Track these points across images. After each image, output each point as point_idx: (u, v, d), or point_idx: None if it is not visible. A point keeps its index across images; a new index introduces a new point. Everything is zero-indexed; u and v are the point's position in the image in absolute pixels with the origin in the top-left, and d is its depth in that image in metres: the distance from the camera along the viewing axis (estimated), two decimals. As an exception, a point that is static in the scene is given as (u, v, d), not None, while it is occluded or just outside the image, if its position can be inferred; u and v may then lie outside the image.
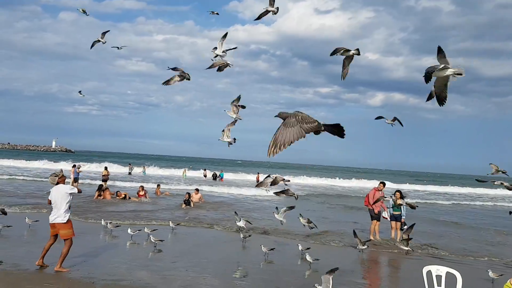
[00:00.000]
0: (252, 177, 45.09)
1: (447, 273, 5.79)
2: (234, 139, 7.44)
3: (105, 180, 25.73)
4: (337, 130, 3.29)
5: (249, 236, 11.70)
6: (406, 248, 10.53)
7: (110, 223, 12.18)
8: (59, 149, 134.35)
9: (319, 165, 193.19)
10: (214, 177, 42.95)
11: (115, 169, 44.47)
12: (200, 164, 64.25)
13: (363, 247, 10.70)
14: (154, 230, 11.43)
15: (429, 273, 5.84)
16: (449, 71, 3.97)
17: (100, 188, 20.66)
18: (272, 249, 9.98)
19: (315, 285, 6.69)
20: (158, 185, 24.76)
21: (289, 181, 8.24)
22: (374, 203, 13.23)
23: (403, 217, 13.16)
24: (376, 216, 13.43)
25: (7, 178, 28.62)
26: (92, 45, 9.12)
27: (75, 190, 8.40)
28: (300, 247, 10.25)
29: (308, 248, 10.25)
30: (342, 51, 5.53)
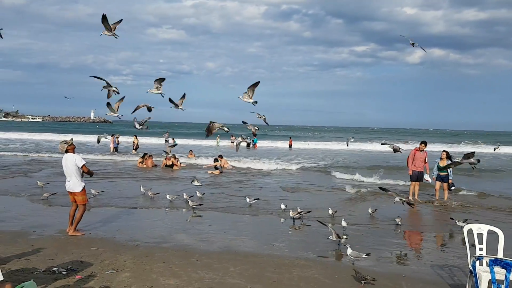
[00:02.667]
0: (284, 144, 44.96)
1: (489, 231, 5.65)
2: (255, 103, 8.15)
3: (136, 149, 26.52)
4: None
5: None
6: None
7: (149, 189, 12.53)
8: (97, 120, 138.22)
9: (356, 127, 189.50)
10: (248, 144, 43.07)
11: (149, 140, 45.11)
12: (234, 130, 64.28)
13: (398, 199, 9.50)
14: (192, 196, 11.74)
15: (470, 231, 5.72)
16: None
17: (143, 156, 21.60)
18: (308, 212, 10.07)
19: (346, 245, 6.91)
20: (191, 151, 25.46)
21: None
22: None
23: (450, 178, 12.91)
24: (413, 177, 13.22)
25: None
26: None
27: (83, 162, 8.19)
28: (330, 211, 10.31)
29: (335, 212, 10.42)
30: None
